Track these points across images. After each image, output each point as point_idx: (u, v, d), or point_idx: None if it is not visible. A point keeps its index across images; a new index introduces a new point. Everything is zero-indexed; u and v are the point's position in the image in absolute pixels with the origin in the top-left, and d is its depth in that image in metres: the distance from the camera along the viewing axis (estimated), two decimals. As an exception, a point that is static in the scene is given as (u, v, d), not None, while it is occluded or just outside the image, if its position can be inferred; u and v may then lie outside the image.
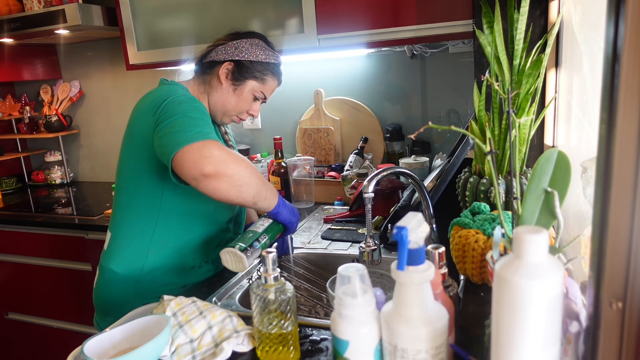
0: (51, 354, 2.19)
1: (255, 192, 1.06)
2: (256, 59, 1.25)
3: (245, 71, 1.25)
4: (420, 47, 1.86)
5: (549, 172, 0.63)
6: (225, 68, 1.25)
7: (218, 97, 1.27)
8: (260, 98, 1.31)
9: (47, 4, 2.08)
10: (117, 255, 1.22)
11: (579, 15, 0.91)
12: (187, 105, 1.09)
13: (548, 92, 1.22)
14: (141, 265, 1.20)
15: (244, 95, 1.27)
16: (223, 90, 1.26)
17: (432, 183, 1.35)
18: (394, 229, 0.56)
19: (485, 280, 0.94)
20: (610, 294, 0.45)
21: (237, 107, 1.28)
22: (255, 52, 1.26)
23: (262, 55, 1.26)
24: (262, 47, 1.28)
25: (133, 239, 1.20)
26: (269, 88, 1.31)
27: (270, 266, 0.76)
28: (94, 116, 2.62)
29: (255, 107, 1.32)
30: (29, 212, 2.16)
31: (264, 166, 1.97)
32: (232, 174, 1.00)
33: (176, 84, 1.25)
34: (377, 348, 0.64)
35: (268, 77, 1.28)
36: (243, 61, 1.25)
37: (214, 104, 1.28)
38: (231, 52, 1.25)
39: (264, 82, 1.28)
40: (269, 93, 1.32)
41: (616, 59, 0.41)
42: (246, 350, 0.82)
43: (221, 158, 0.98)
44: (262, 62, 1.27)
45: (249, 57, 1.25)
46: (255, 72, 1.26)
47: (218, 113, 1.29)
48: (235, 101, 1.27)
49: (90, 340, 0.77)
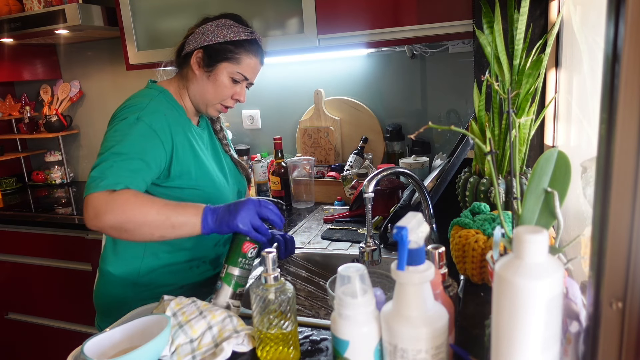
0: (51, 354, 2.19)
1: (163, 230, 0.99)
2: (224, 39, 1.18)
3: (215, 55, 1.18)
4: (420, 47, 1.86)
5: (549, 172, 0.63)
6: (196, 57, 1.19)
7: (195, 88, 1.22)
8: (239, 80, 1.21)
9: (47, 4, 2.08)
10: (114, 258, 1.22)
11: (579, 15, 0.91)
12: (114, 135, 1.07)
13: (548, 92, 1.22)
14: (138, 267, 1.20)
15: (219, 80, 1.20)
16: (198, 80, 1.21)
17: (432, 183, 1.35)
18: (394, 229, 0.56)
19: (485, 280, 0.94)
20: (610, 294, 0.45)
21: (216, 94, 1.21)
22: (223, 32, 1.18)
23: (230, 34, 1.18)
24: (230, 26, 1.19)
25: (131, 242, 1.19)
26: (247, 67, 1.21)
27: (270, 266, 0.76)
28: (94, 116, 2.62)
29: (238, 91, 1.23)
30: (29, 212, 2.16)
31: (264, 166, 1.97)
32: (121, 225, 0.98)
33: (155, 88, 1.22)
34: (377, 348, 0.64)
35: (242, 55, 1.19)
36: (211, 45, 1.18)
37: (193, 97, 1.23)
38: (199, 38, 1.19)
39: (238, 61, 1.19)
40: (250, 73, 1.23)
41: (616, 59, 0.41)
42: (246, 350, 0.82)
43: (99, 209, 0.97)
44: (232, 41, 1.18)
45: (216, 40, 1.18)
46: (226, 54, 1.18)
47: (201, 105, 1.23)
48: (212, 89, 1.20)
49: (90, 340, 0.77)
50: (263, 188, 1.83)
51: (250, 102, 2.23)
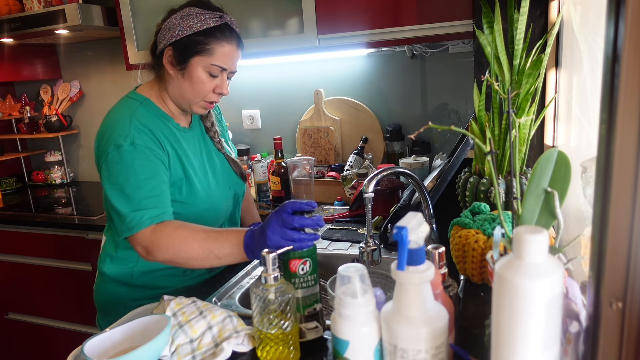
0: (51, 354, 2.19)
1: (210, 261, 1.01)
2: (191, 31, 1.09)
3: (185, 50, 1.10)
4: (420, 47, 1.86)
5: (549, 172, 0.63)
6: (167, 56, 1.12)
7: (173, 89, 1.15)
8: (217, 73, 1.13)
9: (47, 4, 2.08)
10: (109, 260, 1.22)
11: (579, 15, 0.91)
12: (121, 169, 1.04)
13: (548, 92, 1.22)
14: (131, 269, 1.20)
15: (195, 76, 1.11)
16: (174, 80, 1.14)
17: (432, 183, 1.35)
18: (394, 229, 0.56)
19: (485, 280, 0.94)
20: (610, 294, 0.45)
21: (195, 92, 1.13)
22: (188, 23, 1.09)
23: (196, 24, 1.09)
24: (196, 14, 1.10)
25: (123, 244, 1.19)
26: (221, 56, 1.11)
27: (270, 266, 0.76)
28: (94, 116, 2.62)
29: (219, 84, 1.15)
30: (29, 212, 2.16)
31: (264, 166, 1.97)
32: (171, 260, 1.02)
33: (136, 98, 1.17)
34: (377, 348, 0.64)
35: (213, 45, 1.10)
36: (179, 40, 1.10)
37: (174, 98, 1.17)
38: (167, 35, 1.11)
39: (211, 52, 1.10)
40: (226, 62, 1.13)
41: (616, 59, 0.41)
42: (246, 351, 0.82)
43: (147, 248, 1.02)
44: (200, 32, 1.09)
45: (183, 33, 1.09)
46: (195, 47, 1.09)
47: (184, 105, 1.17)
48: (190, 87, 1.13)
49: (90, 340, 0.77)
50: (263, 188, 1.84)
51: (250, 102, 2.23)
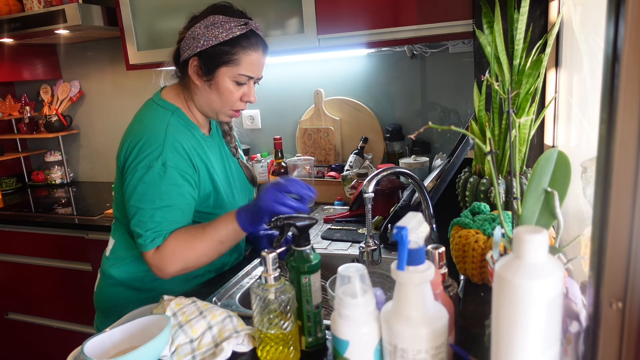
0: (51, 354, 2.19)
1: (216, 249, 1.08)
2: (216, 41, 1.07)
3: (210, 61, 1.09)
4: (420, 47, 1.86)
5: (549, 172, 0.63)
6: (192, 66, 1.11)
7: (200, 99, 1.15)
8: (243, 81, 1.12)
9: (47, 4, 2.08)
10: (120, 264, 1.21)
11: (579, 15, 0.91)
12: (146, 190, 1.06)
13: (548, 92, 1.22)
14: (142, 274, 1.20)
15: (222, 87, 1.11)
16: (200, 90, 1.13)
17: (432, 183, 1.35)
18: (394, 229, 0.56)
19: (485, 280, 0.94)
20: (610, 294, 0.45)
21: (223, 102, 1.13)
22: (213, 33, 1.07)
23: (222, 34, 1.07)
24: (220, 23, 1.08)
25: (136, 250, 1.17)
26: (248, 66, 1.11)
27: (270, 266, 0.76)
28: (94, 116, 2.62)
29: (246, 92, 1.14)
30: (29, 212, 2.16)
31: (264, 166, 1.97)
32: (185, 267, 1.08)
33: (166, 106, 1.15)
34: (377, 348, 0.64)
35: (239, 54, 1.09)
36: (205, 50, 1.08)
37: (201, 108, 1.17)
38: (191, 44, 1.09)
39: (237, 62, 1.09)
40: (254, 70, 1.12)
41: (616, 59, 0.41)
42: (246, 350, 0.82)
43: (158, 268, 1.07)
44: (226, 41, 1.07)
45: (208, 43, 1.07)
46: (222, 57, 1.08)
47: (210, 114, 1.17)
48: (217, 97, 1.12)
49: (90, 340, 0.77)
50: (263, 188, 1.84)
51: (250, 102, 2.23)
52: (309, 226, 0.81)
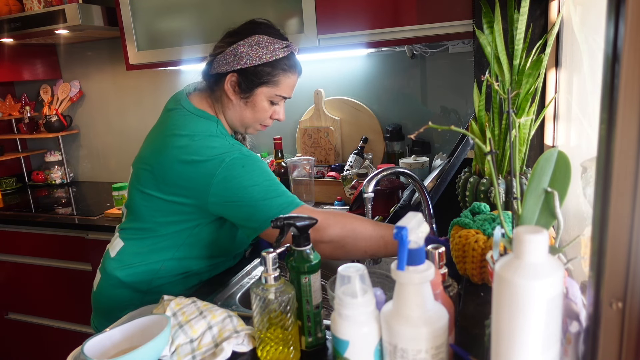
0: (51, 354, 2.19)
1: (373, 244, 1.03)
2: (260, 61, 1.09)
3: (252, 80, 1.11)
4: (420, 47, 1.86)
5: (549, 172, 0.63)
6: (230, 81, 1.12)
7: (233, 114, 1.16)
8: (277, 101, 1.17)
9: (47, 4, 2.08)
10: (128, 267, 1.18)
11: (579, 15, 0.91)
12: (252, 167, 1.05)
13: (548, 92, 1.22)
14: (149, 280, 1.18)
15: (258, 105, 1.15)
16: (234, 105, 1.15)
17: (432, 183, 1.35)
18: (394, 229, 0.56)
19: (485, 280, 0.94)
20: (610, 294, 0.45)
21: (255, 119, 1.17)
22: (258, 53, 1.09)
23: (266, 55, 1.09)
24: (265, 44, 1.10)
25: (148, 257, 1.17)
26: (286, 87, 1.15)
27: (271, 266, 0.76)
28: (94, 116, 2.62)
29: (277, 110, 1.19)
30: (29, 212, 2.16)
31: (264, 166, 1.97)
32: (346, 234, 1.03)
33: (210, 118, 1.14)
34: (377, 348, 0.64)
35: (280, 76, 1.12)
36: (246, 69, 1.10)
37: (231, 121, 1.19)
38: (231, 61, 1.10)
39: (277, 84, 1.13)
40: (288, 91, 1.17)
41: (616, 59, 0.41)
42: (246, 351, 0.82)
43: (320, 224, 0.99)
44: (269, 63, 1.10)
45: (251, 63, 1.09)
46: (263, 77, 1.11)
47: (239, 127, 1.20)
48: (251, 114, 1.16)
49: (90, 340, 0.77)
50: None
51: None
52: (309, 226, 0.81)
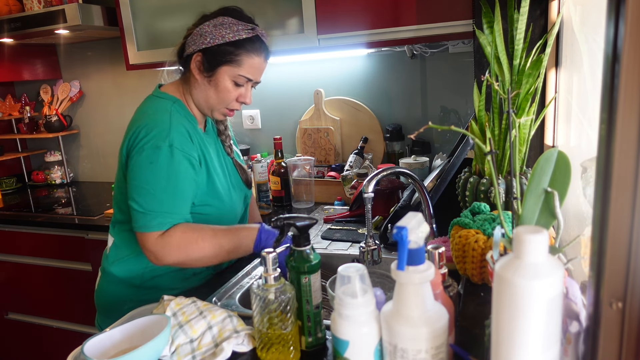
0: (51, 354, 2.19)
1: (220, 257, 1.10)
2: (223, 40, 1.11)
3: (214, 58, 1.12)
4: (420, 47, 1.86)
5: (549, 172, 0.63)
6: (195, 61, 1.14)
7: (198, 94, 1.17)
8: (241, 82, 1.15)
9: (47, 4, 2.08)
10: (119, 261, 1.22)
11: (579, 15, 0.91)
12: (154, 170, 1.06)
13: (548, 92, 1.22)
14: (141, 272, 1.20)
15: (220, 85, 1.14)
16: (199, 85, 1.16)
17: (432, 183, 1.35)
18: (394, 229, 0.56)
19: (485, 280, 0.94)
20: (610, 294, 0.45)
21: (219, 99, 1.16)
22: (221, 32, 1.11)
23: (229, 34, 1.11)
24: (229, 25, 1.12)
25: (136, 247, 1.18)
26: (250, 68, 1.14)
27: (270, 266, 0.76)
28: (94, 116, 2.62)
29: (243, 93, 1.17)
30: (29, 212, 2.16)
31: (264, 166, 1.97)
32: (183, 263, 1.10)
33: (167, 97, 1.18)
34: (377, 348, 0.64)
35: (242, 56, 1.12)
36: (210, 48, 1.12)
37: (197, 102, 1.19)
38: (197, 40, 1.13)
39: (239, 63, 1.13)
40: (253, 73, 1.16)
41: (616, 59, 0.41)
42: (246, 350, 0.82)
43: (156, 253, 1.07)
44: (231, 42, 1.11)
45: (214, 42, 1.11)
46: (225, 56, 1.12)
47: (206, 110, 1.20)
48: (214, 94, 1.15)
49: (90, 340, 0.77)
50: (263, 188, 1.84)
51: (250, 102, 2.23)
52: (309, 226, 0.81)
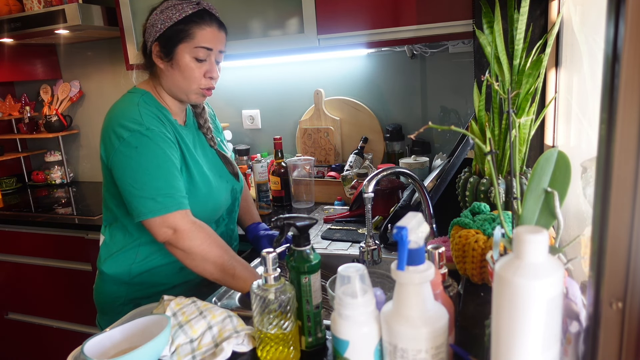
0: (51, 354, 2.19)
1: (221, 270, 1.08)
2: (171, 22, 1.12)
3: (168, 41, 1.14)
4: (420, 47, 1.86)
5: (549, 172, 0.63)
6: (155, 52, 1.16)
7: (167, 82, 1.18)
8: (203, 56, 1.15)
9: (47, 4, 2.08)
10: (109, 259, 1.23)
11: (579, 15, 0.91)
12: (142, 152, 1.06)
13: (548, 92, 1.22)
14: (129, 269, 1.21)
15: (182, 64, 1.14)
16: (165, 73, 1.17)
17: (432, 183, 1.35)
18: (394, 229, 0.56)
19: (485, 280, 0.94)
20: (610, 294, 0.45)
21: (187, 79, 1.16)
22: (168, 15, 1.13)
23: (175, 14, 1.12)
24: (174, 6, 1.14)
25: (122, 243, 1.21)
26: (204, 38, 1.14)
27: (271, 266, 0.76)
28: (94, 116, 2.62)
29: (208, 68, 1.17)
30: (29, 212, 2.16)
31: (264, 166, 1.97)
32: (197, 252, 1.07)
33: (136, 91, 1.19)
34: (377, 348, 0.64)
35: (193, 29, 1.13)
36: (162, 34, 1.13)
37: (169, 91, 1.19)
38: (151, 32, 1.15)
39: (192, 36, 1.13)
40: (209, 42, 1.15)
41: (616, 59, 0.41)
42: (246, 350, 0.82)
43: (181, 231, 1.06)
44: (180, 20, 1.13)
45: (164, 26, 1.13)
46: (177, 35, 1.13)
47: (180, 94, 1.19)
48: (180, 75, 1.15)
49: (90, 340, 0.77)
50: (263, 188, 1.83)
51: (250, 102, 2.23)
52: (309, 226, 0.81)
